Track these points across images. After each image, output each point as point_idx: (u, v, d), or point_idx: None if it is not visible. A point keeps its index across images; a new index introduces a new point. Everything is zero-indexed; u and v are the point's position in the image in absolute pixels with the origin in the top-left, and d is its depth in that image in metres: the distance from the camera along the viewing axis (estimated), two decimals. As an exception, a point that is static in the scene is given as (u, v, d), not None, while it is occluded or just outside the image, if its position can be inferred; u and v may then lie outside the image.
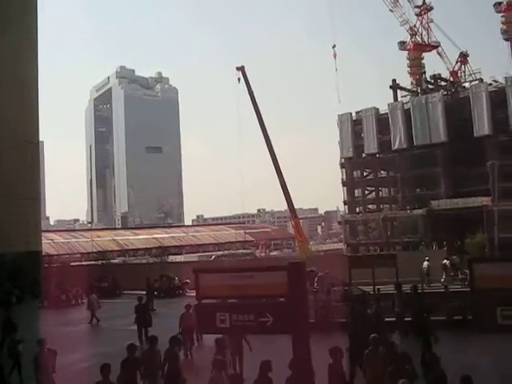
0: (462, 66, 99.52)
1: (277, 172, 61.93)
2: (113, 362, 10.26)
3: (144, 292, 28.07)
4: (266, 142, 62.16)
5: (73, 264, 51.73)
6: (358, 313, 14.92)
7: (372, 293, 21.01)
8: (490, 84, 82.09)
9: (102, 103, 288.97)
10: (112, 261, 69.53)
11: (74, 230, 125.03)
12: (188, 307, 16.27)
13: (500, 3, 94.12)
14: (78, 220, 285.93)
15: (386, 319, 16.07)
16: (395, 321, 17.11)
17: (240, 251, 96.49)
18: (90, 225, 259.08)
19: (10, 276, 31.85)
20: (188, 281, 28.36)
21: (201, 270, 9.86)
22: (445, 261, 31.32)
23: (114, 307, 28.02)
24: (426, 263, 31.29)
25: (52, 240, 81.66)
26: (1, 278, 30.96)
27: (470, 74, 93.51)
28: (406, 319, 17.00)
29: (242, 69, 58.41)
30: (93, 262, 55.22)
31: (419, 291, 20.44)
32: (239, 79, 58.28)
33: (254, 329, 8.87)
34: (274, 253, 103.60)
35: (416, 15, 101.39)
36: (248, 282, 8.62)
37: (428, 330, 14.10)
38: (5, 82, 38.25)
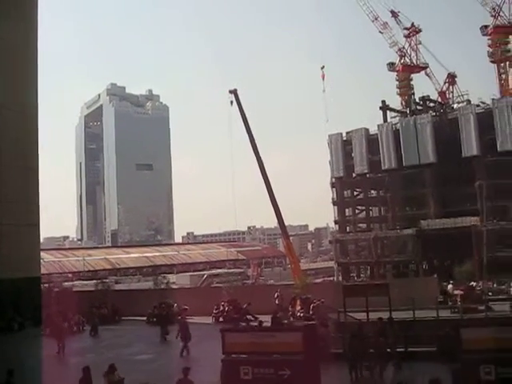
0: (450, 87, 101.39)
1: (268, 192, 62.10)
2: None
3: (144, 318, 28.68)
4: (258, 161, 62.16)
5: (71, 289, 52.02)
6: (356, 346, 15.70)
7: (366, 321, 21.76)
8: (478, 105, 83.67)
9: (92, 120, 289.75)
10: (105, 280, 69.77)
11: (65, 249, 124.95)
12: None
13: (486, 26, 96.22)
14: (67, 237, 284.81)
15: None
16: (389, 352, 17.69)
17: (232, 270, 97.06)
18: (79, 242, 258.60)
19: (12, 302, 32.12)
20: (186, 307, 28.99)
21: (226, 329, 10.74)
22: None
23: (115, 335, 28.47)
24: (450, 286, 32.99)
25: (43, 259, 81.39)
26: (2, 305, 31.26)
27: (459, 96, 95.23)
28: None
29: (234, 92, 58.69)
30: (91, 286, 55.38)
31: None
32: (232, 102, 58.40)
33: (273, 381, 9.75)
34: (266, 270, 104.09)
35: (405, 37, 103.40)
36: (268, 340, 9.51)
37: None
38: (5, 107, 38.50)
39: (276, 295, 30.95)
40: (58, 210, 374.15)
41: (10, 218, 36.41)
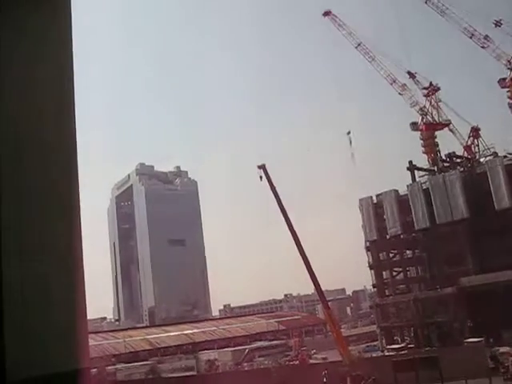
0: (475, 141, 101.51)
1: (303, 259, 62.39)
2: None
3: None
4: (290, 229, 62.66)
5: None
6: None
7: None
8: (505, 157, 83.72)
9: (123, 200, 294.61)
10: (148, 363, 69.40)
11: (105, 332, 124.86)
12: None
13: (504, 79, 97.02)
14: (105, 318, 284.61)
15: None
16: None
17: (273, 342, 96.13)
18: (117, 322, 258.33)
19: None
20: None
21: None
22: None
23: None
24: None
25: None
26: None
27: (485, 149, 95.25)
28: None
29: (263, 167, 60.38)
30: (134, 368, 55.47)
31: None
32: (261, 177, 59.85)
33: None
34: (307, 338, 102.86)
35: (424, 96, 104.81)
36: None
37: None
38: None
39: (323, 373, 30.78)
40: (93, 292, 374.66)
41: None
